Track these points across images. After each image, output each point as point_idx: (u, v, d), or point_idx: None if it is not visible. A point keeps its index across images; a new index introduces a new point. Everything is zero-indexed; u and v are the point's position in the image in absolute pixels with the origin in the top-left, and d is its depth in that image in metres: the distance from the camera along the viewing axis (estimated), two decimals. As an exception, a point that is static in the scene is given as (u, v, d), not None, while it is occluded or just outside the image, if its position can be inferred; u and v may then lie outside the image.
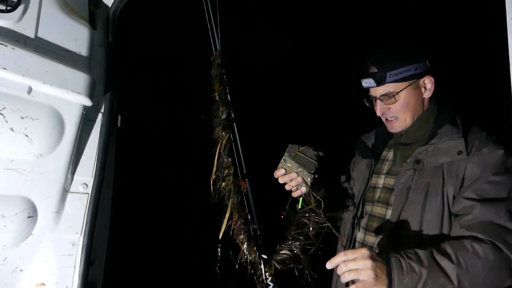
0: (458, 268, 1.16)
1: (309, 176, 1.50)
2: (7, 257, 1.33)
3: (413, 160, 1.47)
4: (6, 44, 1.21)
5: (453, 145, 1.40)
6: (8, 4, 1.28)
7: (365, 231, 1.57)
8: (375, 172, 1.65)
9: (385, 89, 1.50)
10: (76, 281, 1.43)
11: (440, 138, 1.44)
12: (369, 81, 1.51)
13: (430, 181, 1.40)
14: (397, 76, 1.47)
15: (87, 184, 1.50)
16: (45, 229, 1.40)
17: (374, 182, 1.63)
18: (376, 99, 1.54)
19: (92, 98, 1.43)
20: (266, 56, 3.52)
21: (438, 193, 1.37)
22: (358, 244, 1.58)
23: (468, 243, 1.21)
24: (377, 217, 1.55)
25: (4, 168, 1.30)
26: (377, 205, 1.56)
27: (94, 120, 1.53)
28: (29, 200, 1.36)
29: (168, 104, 3.12)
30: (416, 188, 1.42)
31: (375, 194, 1.60)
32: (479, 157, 1.35)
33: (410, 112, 1.51)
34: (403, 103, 1.50)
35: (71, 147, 1.42)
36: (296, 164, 1.51)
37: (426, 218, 1.37)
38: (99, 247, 1.57)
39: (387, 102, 1.51)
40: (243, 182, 1.58)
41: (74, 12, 1.49)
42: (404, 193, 1.45)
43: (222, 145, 1.57)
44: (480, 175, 1.33)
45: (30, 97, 1.30)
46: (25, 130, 1.30)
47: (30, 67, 1.25)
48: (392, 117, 1.54)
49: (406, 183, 1.46)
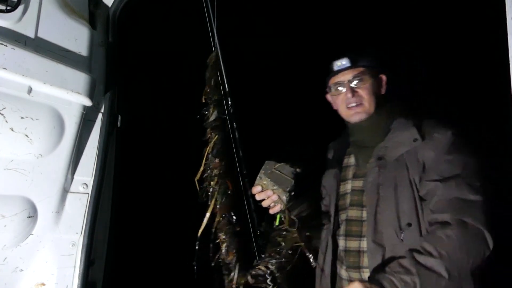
0: (443, 261, 1.21)
1: (284, 194, 1.49)
2: (7, 257, 1.33)
3: (375, 158, 1.53)
4: (6, 44, 1.21)
5: (408, 135, 1.50)
6: (8, 4, 1.28)
7: (346, 237, 1.57)
8: (342, 180, 1.68)
9: (358, 70, 1.57)
10: (76, 281, 1.43)
11: (395, 132, 1.54)
12: (344, 61, 1.57)
13: (396, 173, 1.46)
14: (366, 63, 1.58)
15: (87, 184, 1.50)
16: (45, 229, 1.40)
17: (343, 190, 1.66)
18: (346, 82, 1.58)
19: (92, 98, 1.44)
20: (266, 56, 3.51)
21: (406, 183, 1.44)
22: (341, 252, 1.57)
23: (440, 233, 1.28)
24: (354, 220, 1.56)
25: (4, 168, 1.30)
26: (352, 209, 1.58)
27: (94, 120, 1.53)
28: (29, 200, 1.36)
29: (168, 104, 3.12)
30: (384, 183, 1.47)
31: (346, 200, 1.62)
32: (432, 141, 1.45)
33: (373, 101, 1.57)
34: (370, 89, 1.57)
35: (71, 147, 1.42)
36: (271, 182, 1.50)
37: (401, 209, 1.42)
38: (99, 247, 1.57)
39: (358, 84, 1.57)
40: (230, 183, 1.58)
41: (74, 12, 1.49)
42: (375, 191, 1.49)
43: (211, 146, 1.58)
44: (436, 157, 1.42)
45: (30, 97, 1.30)
46: (25, 130, 1.30)
47: (30, 67, 1.26)
48: (357, 103, 1.57)
49: (374, 180, 1.50)
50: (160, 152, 3.05)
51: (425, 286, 1.19)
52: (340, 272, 1.57)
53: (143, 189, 2.87)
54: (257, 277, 1.49)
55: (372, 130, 1.59)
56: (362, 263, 1.49)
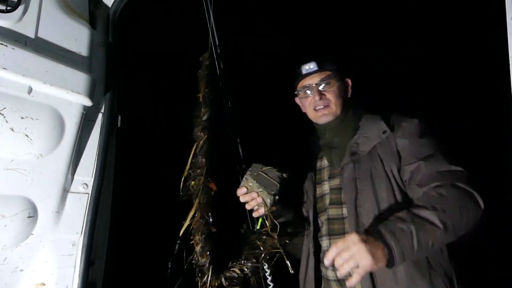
0: (437, 213, 1.25)
1: (269, 197, 1.48)
2: (7, 257, 1.33)
3: (348, 154, 1.57)
4: (6, 44, 1.21)
5: (377, 128, 1.57)
6: (8, 4, 1.28)
7: (329, 236, 1.57)
8: (317, 182, 1.71)
9: (325, 74, 1.63)
10: (76, 281, 1.43)
11: (363, 128, 1.61)
12: (311, 65, 1.63)
13: (371, 166, 1.51)
14: (331, 66, 1.64)
15: (87, 184, 1.50)
16: (45, 229, 1.40)
17: (320, 192, 1.68)
18: (314, 85, 1.63)
19: (92, 98, 1.43)
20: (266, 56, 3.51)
21: (382, 174, 1.48)
22: (325, 253, 1.56)
23: (432, 191, 1.33)
24: (335, 219, 1.57)
25: (4, 168, 1.30)
26: (331, 207, 1.59)
27: (94, 120, 1.53)
28: (29, 200, 1.36)
29: (168, 104, 3.11)
30: (361, 176, 1.51)
31: (325, 201, 1.64)
32: (402, 130, 1.53)
33: (340, 103, 1.63)
34: (337, 91, 1.63)
35: (71, 147, 1.42)
36: (257, 184, 1.50)
37: (380, 197, 1.45)
38: (99, 247, 1.57)
39: (325, 87, 1.62)
40: (213, 184, 1.57)
41: (74, 12, 1.49)
42: (352, 185, 1.52)
43: (199, 145, 1.58)
44: (410, 142, 1.49)
45: (30, 97, 1.30)
46: (25, 130, 1.30)
47: (30, 67, 1.25)
48: (324, 105, 1.61)
49: (351, 176, 1.53)
50: (160, 152, 3.04)
51: (421, 235, 1.21)
52: (327, 273, 1.57)
53: (143, 189, 2.87)
54: (231, 280, 1.47)
55: (341, 130, 1.64)
56: None
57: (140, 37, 2.67)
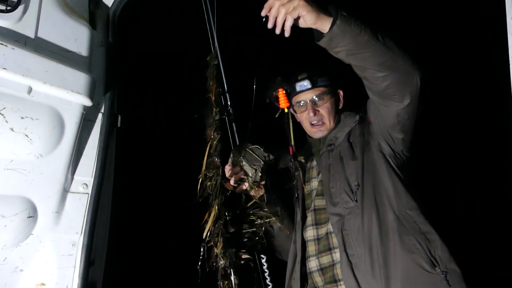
0: (382, 38, 1.36)
1: (250, 171, 1.56)
2: (7, 257, 1.33)
3: (326, 146, 1.70)
4: (6, 44, 1.21)
5: (352, 119, 1.71)
6: (8, 4, 1.28)
7: (316, 226, 1.64)
8: (306, 181, 1.79)
9: (318, 90, 1.71)
10: (76, 281, 1.43)
11: (342, 122, 1.73)
12: (305, 83, 1.70)
13: (341, 150, 1.63)
14: (324, 82, 1.72)
15: (87, 184, 1.50)
16: (45, 229, 1.40)
17: (308, 189, 1.77)
18: (309, 102, 1.71)
19: (92, 98, 1.43)
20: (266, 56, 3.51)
21: (349, 153, 1.60)
22: (312, 242, 1.64)
23: None
24: (321, 209, 1.65)
25: (4, 168, 1.30)
26: (317, 198, 1.68)
27: (94, 120, 1.53)
28: (29, 200, 1.36)
29: (168, 104, 3.11)
30: (333, 162, 1.63)
31: (312, 195, 1.71)
32: (370, 114, 1.63)
33: (333, 117, 1.73)
34: (330, 107, 1.72)
35: (71, 147, 1.42)
36: (241, 158, 1.58)
37: (348, 173, 1.55)
38: (99, 247, 1.57)
39: (319, 103, 1.71)
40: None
41: (74, 12, 1.49)
42: (327, 171, 1.64)
43: (213, 145, 1.59)
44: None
45: (30, 97, 1.30)
46: (25, 130, 1.30)
47: (30, 67, 1.25)
48: (319, 122, 1.71)
49: (326, 163, 1.66)
50: (160, 152, 3.04)
51: (367, 31, 1.31)
52: (310, 263, 1.62)
53: (143, 189, 2.87)
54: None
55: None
56: (332, 244, 1.55)
57: (140, 37, 2.67)
